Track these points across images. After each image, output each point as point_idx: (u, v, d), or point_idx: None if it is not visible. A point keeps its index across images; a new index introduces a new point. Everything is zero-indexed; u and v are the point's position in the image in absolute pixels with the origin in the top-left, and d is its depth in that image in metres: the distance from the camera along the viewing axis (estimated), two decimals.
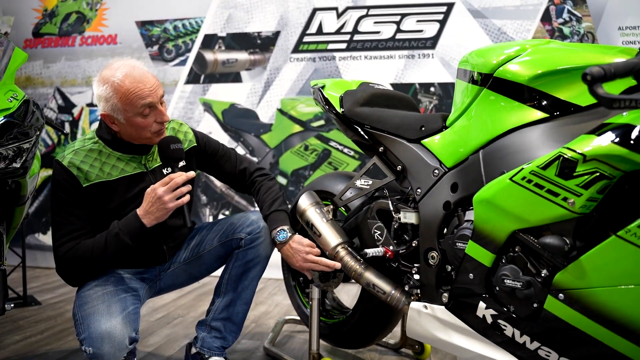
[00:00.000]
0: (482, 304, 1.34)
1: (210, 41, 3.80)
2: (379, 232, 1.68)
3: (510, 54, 1.34)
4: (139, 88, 1.63)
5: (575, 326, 1.14)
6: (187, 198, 1.64)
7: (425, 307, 1.53)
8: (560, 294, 1.16)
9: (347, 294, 2.90)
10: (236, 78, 3.78)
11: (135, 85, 1.63)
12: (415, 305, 1.56)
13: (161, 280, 1.92)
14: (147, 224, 1.62)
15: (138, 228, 1.62)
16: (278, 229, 1.78)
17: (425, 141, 1.60)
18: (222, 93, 3.79)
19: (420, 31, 3.57)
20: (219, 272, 1.95)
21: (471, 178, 1.40)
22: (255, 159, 3.76)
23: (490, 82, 1.36)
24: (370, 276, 1.68)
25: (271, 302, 3.01)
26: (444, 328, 1.49)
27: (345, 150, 3.64)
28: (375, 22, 3.62)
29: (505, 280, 1.25)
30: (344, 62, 3.63)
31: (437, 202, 1.50)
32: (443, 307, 1.48)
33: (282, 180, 3.72)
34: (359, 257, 1.70)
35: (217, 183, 3.82)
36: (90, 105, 4.02)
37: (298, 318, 2.52)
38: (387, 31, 3.61)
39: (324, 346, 2.26)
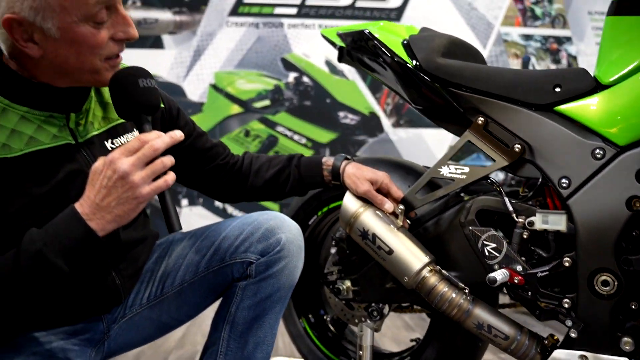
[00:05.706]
0: None
1: None
2: (492, 246, 1.11)
3: None
4: None
5: None
6: (172, 178, 0.88)
7: (584, 358, 1.01)
8: None
9: None
10: (156, 43, 2.97)
11: None
12: (561, 355, 1.03)
13: (112, 339, 1.14)
14: (99, 229, 0.85)
15: (80, 239, 0.85)
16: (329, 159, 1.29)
17: (563, 108, 1.08)
18: (137, 62, 2.95)
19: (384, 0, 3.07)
20: (206, 319, 1.23)
21: None
22: None
23: None
24: (483, 314, 1.11)
25: None
26: None
27: (296, 137, 3.01)
28: None
29: None
30: (293, 30, 3.00)
31: (611, 199, 0.99)
32: (624, 358, 0.97)
33: None
34: (461, 286, 1.12)
35: None
36: None
37: None
38: None
39: None
